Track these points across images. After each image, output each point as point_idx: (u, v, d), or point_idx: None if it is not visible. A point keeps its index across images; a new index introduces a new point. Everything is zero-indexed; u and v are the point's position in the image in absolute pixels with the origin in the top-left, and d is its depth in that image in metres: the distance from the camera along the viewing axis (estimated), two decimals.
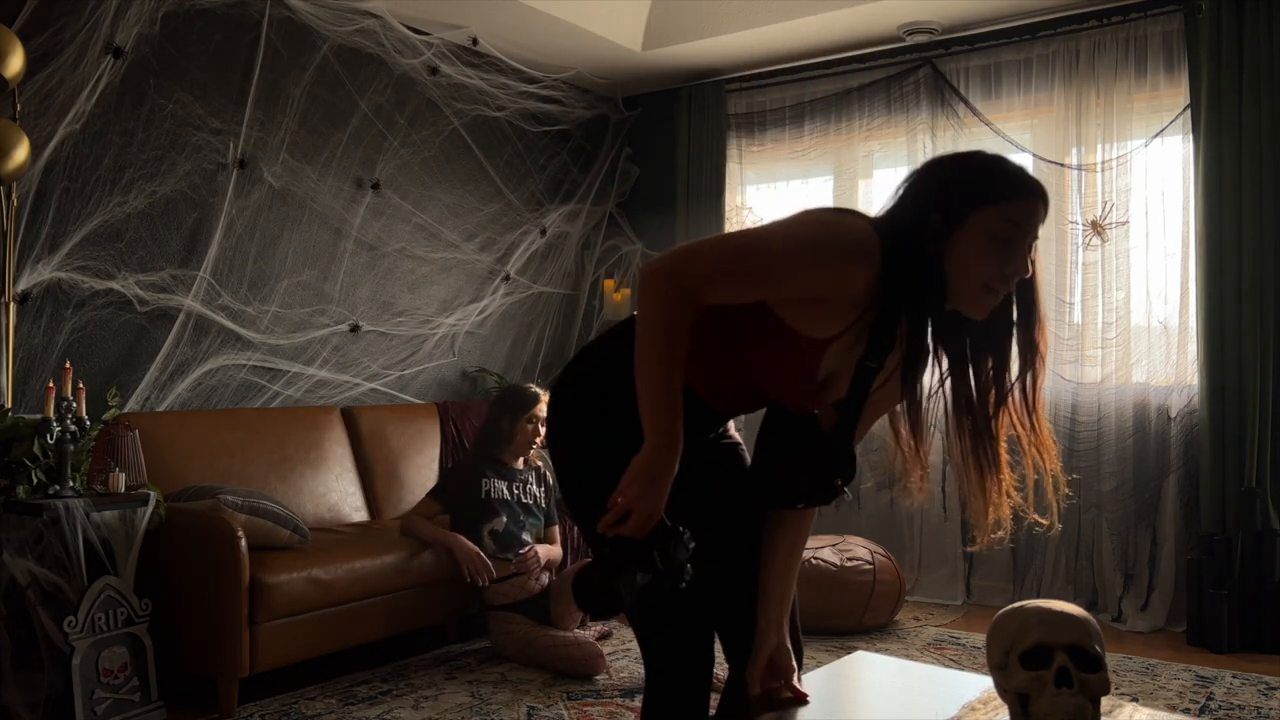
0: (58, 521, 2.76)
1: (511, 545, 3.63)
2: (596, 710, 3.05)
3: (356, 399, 4.41)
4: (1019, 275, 1.61)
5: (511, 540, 3.63)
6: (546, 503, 3.83)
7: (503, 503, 3.67)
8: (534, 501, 3.77)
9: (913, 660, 3.63)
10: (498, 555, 3.61)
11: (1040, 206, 1.62)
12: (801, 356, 1.62)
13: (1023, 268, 1.61)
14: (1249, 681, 3.42)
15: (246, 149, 3.96)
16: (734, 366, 1.67)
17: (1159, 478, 4.24)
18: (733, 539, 1.78)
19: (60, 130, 3.35)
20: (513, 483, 3.73)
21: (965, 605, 4.56)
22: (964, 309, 1.60)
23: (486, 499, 3.66)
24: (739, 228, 5.35)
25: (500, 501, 3.67)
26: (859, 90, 5.02)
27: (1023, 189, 1.58)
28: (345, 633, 3.29)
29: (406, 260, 4.66)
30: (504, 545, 3.62)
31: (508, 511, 3.67)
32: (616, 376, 1.59)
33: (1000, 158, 1.63)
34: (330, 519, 3.85)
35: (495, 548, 3.61)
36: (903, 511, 4.88)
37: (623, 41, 4.94)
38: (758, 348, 1.63)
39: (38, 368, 3.33)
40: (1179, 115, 4.22)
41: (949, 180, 1.59)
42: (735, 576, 1.78)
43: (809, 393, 1.66)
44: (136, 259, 3.62)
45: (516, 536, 3.64)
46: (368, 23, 4.31)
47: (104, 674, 2.82)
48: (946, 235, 1.55)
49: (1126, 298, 4.32)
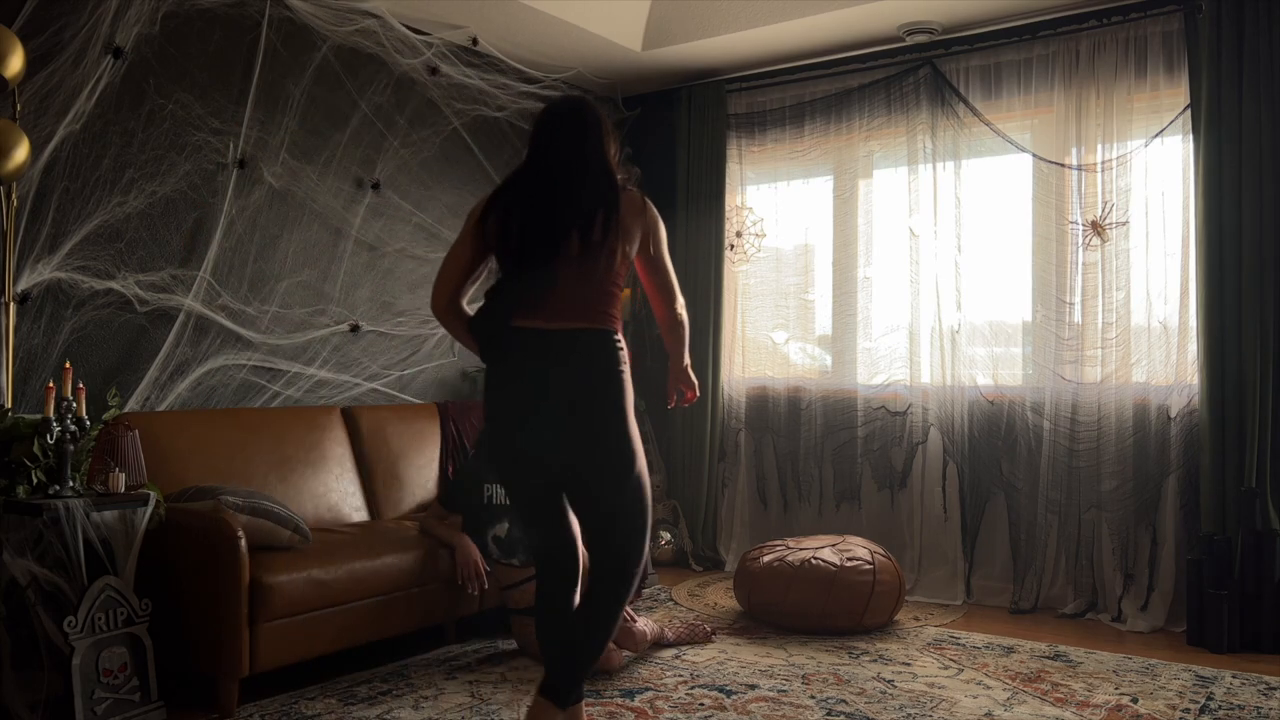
0: (58, 521, 2.76)
1: (515, 550, 3.62)
2: (596, 710, 3.05)
3: (356, 399, 4.41)
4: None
5: (515, 546, 3.62)
6: None
7: (505, 508, 3.66)
8: None
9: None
10: (502, 560, 3.61)
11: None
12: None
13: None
14: (1249, 681, 3.42)
15: (246, 149, 3.96)
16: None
17: (1159, 478, 4.24)
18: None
19: (60, 130, 3.35)
20: None
21: (965, 605, 4.56)
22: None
23: (489, 505, 3.66)
24: (738, 228, 5.37)
25: (503, 507, 3.67)
26: (859, 90, 5.02)
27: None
28: (345, 633, 3.29)
29: (406, 260, 4.67)
30: (508, 550, 3.62)
31: (510, 516, 3.66)
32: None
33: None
34: (330, 519, 3.85)
35: (499, 553, 3.61)
36: (903, 511, 4.88)
37: (623, 41, 4.94)
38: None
39: (38, 368, 3.33)
40: (1179, 115, 4.22)
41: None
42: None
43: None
44: (136, 259, 3.62)
45: (521, 540, 3.64)
46: (368, 23, 4.31)
47: (104, 674, 2.82)
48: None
49: (1126, 298, 4.32)
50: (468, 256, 2.46)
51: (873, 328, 5.02)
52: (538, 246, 2.36)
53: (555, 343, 2.38)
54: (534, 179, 2.43)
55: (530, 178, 2.43)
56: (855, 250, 5.06)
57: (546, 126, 2.46)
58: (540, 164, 2.43)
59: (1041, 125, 4.63)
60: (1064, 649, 3.79)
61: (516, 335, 2.38)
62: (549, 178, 2.41)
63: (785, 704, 3.14)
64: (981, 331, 4.71)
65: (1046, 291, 4.51)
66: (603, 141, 2.45)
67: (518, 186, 2.42)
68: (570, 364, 2.38)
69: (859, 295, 5.04)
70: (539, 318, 2.38)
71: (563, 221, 2.35)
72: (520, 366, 2.40)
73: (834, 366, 5.14)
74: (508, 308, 2.39)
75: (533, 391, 2.39)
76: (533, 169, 2.44)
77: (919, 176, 4.84)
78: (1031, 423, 4.53)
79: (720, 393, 5.32)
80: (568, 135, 2.43)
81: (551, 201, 2.37)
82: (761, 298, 5.33)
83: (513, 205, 2.40)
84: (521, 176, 2.44)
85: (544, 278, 2.35)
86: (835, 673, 3.47)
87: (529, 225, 2.36)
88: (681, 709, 3.09)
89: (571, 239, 2.35)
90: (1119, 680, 3.40)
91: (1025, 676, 3.44)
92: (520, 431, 2.43)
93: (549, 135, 2.45)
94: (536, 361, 2.38)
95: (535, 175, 2.43)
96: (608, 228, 2.38)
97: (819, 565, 3.99)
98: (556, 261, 2.36)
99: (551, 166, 2.42)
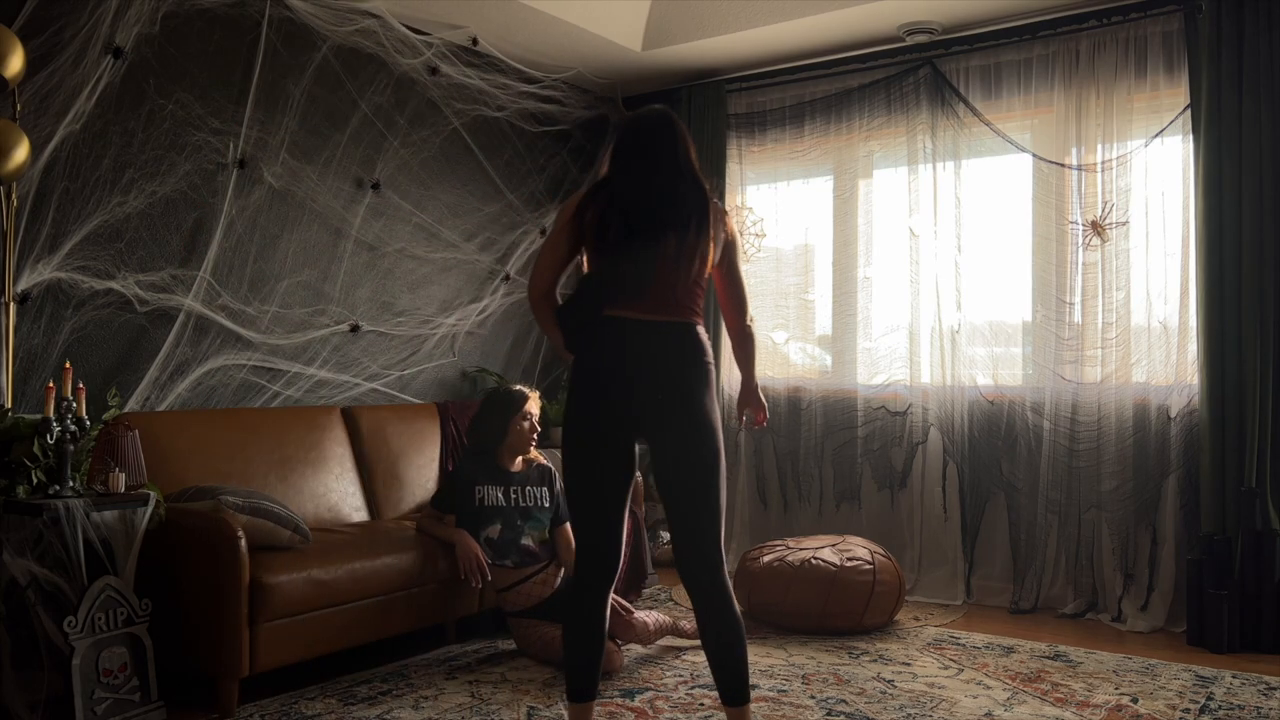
0: (58, 521, 2.76)
1: (509, 552, 3.62)
2: (596, 710, 3.05)
3: (356, 399, 4.41)
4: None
5: (509, 547, 3.62)
6: (552, 502, 3.76)
7: (497, 509, 3.65)
8: (535, 503, 3.72)
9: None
10: (494, 563, 3.60)
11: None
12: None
13: None
14: (1249, 681, 3.42)
15: (246, 149, 3.96)
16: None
17: (1159, 478, 4.24)
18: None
19: (60, 130, 3.35)
20: (509, 487, 3.70)
21: (965, 605, 4.56)
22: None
23: (480, 507, 3.65)
24: (738, 227, 5.36)
25: (495, 509, 3.65)
26: (859, 90, 5.02)
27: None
28: (345, 633, 3.29)
29: (406, 260, 4.67)
30: (501, 552, 3.62)
31: (503, 518, 3.64)
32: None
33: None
34: (330, 519, 3.85)
35: (492, 555, 3.60)
36: (903, 511, 4.88)
37: (623, 41, 4.94)
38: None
39: (38, 368, 3.33)
40: (1179, 115, 4.22)
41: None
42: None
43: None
44: (136, 259, 3.62)
45: (514, 543, 3.63)
46: (368, 23, 4.31)
47: (104, 674, 2.82)
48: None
49: (1126, 298, 4.32)
50: (564, 248, 2.54)
51: (873, 328, 5.02)
52: (638, 244, 2.44)
53: (649, 332, 2.45)
54: (634, 182, 2.50)
55: (630, 180, 2.51)
56: (855, 250, 5.06)
57: (643, 133, 2.55)
58: (638, 167, 2.52)
59: (1041, 125, 4.63)
60: (1064, 649, 3.79)
61: (611, 324, 2.45)
62: (649, 181, 2.49)
63: (785, 704, 3.14)
64: (981, 331, 4.72)
65: (1046, 291, 4.51)
66: (690, 151, 2.56)
67: (616, 187, 2.50)
68: (663, 353, 2.46)
69: (859, 295, 5.04)
70: (635, 309, 2.45)
71: (662, 223, 2.45)
72: (615, 354, 2.46)
73: (834, 366, 5.14)
74: (601, 298, 2.47)
75: (625, 378, 2.45)
76: (631, 172, 2.52)
77: (919, 176, 4.84)
78: (1031, 423, 4.53)
79: (720, 393, 5.31)
80: (665, 143, 2.52)
81: (651, 204, 2.46)
82: (761, 297, 5.33)
83: (613, 203, 2.47)
84: (619, 178, 2.52)
85: (642, 273, 2.44)
86: (835, 673, 3.47)
87: (630, 224, 2.45)
88: (681, 709, 3.09)
89: (670, 239, 2.45)
90: (1119, 680, 3.40)
91: (1025, 676, 3.44)
92: (609, 418, 2.47)
93: (646, 141, 2.53)
94: (630, 349, 2.45)
95: (634, 178, 2.51)
96: (701, 233, 2.49)
97: (819, 565, 3.99)
98: (655, 259, 2.44)
99: (650, 171, 2.51)
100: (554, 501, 3.76)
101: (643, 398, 2.44)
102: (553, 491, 3.78)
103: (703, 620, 2.49)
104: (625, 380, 2.45)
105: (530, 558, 3.63)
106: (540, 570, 3.63)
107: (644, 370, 2.45)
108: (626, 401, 2.45)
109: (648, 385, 2.44)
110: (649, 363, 2.45)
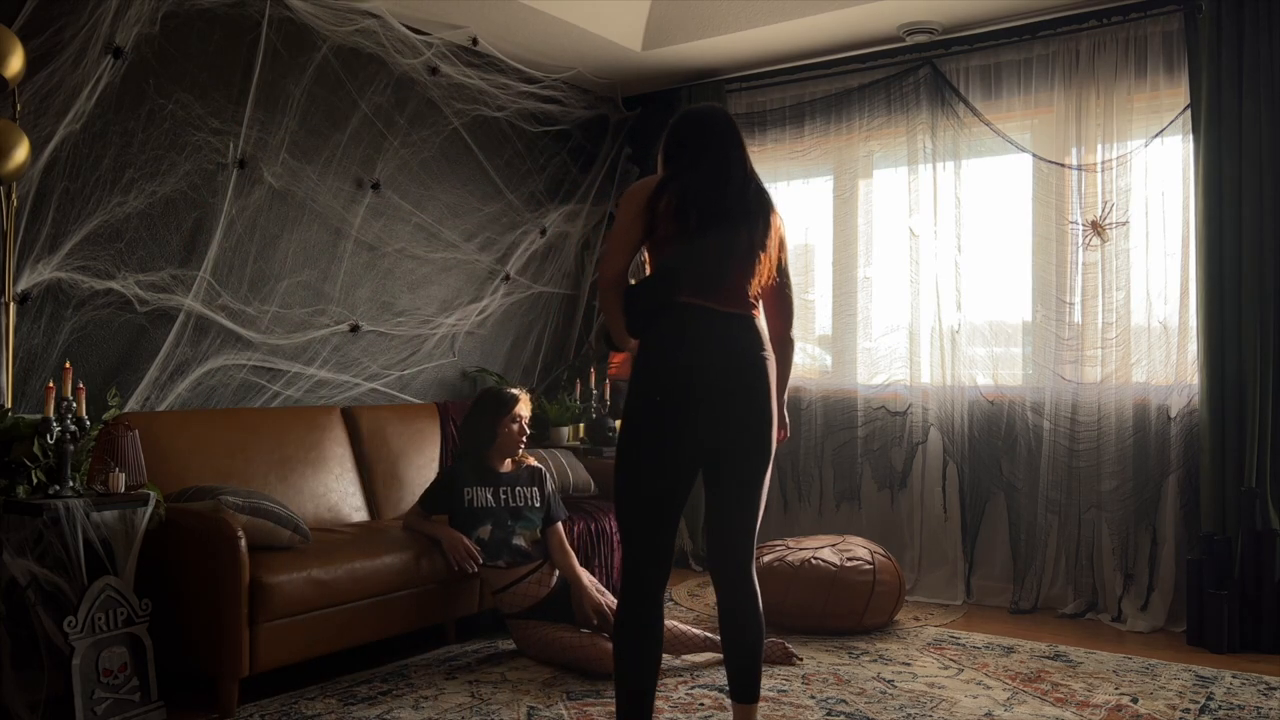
0: (58, 521, 2.76)
1: (500, 553, 3.61)
2: (597, 710, 3.05)
3: (356, 399, 4.41)
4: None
5: (501, 547, 3.62)
6: (543, 502, 3.76)
7: (486, 510, 3.65)
8: (526, 504, 3.71)
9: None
10: (485, 564, 3.60)
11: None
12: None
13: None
14: (1249, 681, 3.42)
15: (246, 149, 3.96)
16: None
17: (1159, 478, 4.24)
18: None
19: (60, 130, 3.35)
20: (499, 488, 3.70)
21: (965, 605, 4.56)
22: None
23: (470, 508, 3.65)
24: None
25: (484, 510, 3.65)
26: (859, 90, 5.02)
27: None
28: (345, 633, 3.29)
29: (406, 260, 4.66)
30: (492, 553, 3.61)
31: (493, 519, 3.64)
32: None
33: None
34: (330, 519, 3.85)
35: (484, 555, 3.60)
36: (903, 511, 4.88)
37: (623, 41, 4.94)
38: None
39: (38, 368, 3.33)
40: (1179, 115, 4.22)
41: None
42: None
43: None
44: (136, 259, 3.62)
45: (505, 543, 3.62)
46: (368, 23, 4.31)
47: (104, 674, 2.82)
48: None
49: (1126, 298, 4.32)
50: (636, 235, 2.52)
51: (873, 328, 5.02)
52: (711, 236, 2.45)
53: (722, 322, 2.46)
54: (706, 177, 2.51)
55: (701, 175, 2.51)
56: (855, 250, 5.06)
57: (704, 130, 2.56)
58: (708, 162, 2.52)
59: (1041, 125, 4.63)
60: (1064, 649, 3.79)
61: (685, 310, 2.45)
62: (723, 176, 2.51)
63: (785, 704, 3.14)
64: (981, 331, 4.72)
65: (1046, 291, 4.51)
66: (746, 150, 2.59)
67: (688, 180, 2.50)
68: (734, 343, 2.46)
69: (859, 295, 5.04)
70: (709, 299, 2.46)
71: (734, 218, 2.48)
72: (689, 339, 2.44)
73: (834, 366, 5.14)
74: (676, 285, 2.47)
75: (698, 366, 2.43)
76: (700, 167, 2.52)
77: (919, 176, 4.84)
78: (1031, 423, 4.53)
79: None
80: (732, 141, 2.55)
81: (725, 199, 2.48)
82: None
83: (686, 195, 2.47)
84: (689, 173, 2.51)
85: (716, 264, 2.45)
86: (835, 673, 3.47)
87: (706, 216, 2.45)
88: (681, 709, 3.09)
89: (741, 235, 2.47)
90: (1119, 680, 3.40)
91: (1025, 676, 3.44)
92: (680, 407, 2.42)
93: (711, 140, 2.54)
94: (704, 336, 2.45)
95: (705, 174, 2.51)
96: (768, 231, 2.52)
97: (819, 565, 3.99)
98: (728, 253, 2.47)
99: (722, 166, 2.52)
100: (545, 501, 3.76)
101: (711, 384, 2.42)
102: (543, 492, 3.77)
103: (726, 613, 2.48)
104: (697, 367, 2.42)
105: (523, 557, 3.63)
106: (534, 570, 3.62)
107: (715, 358, 2.43)
108: (697, 387, 2.41)
109: (718, 373, 2.43)
110: (720, 352, 2.44)
